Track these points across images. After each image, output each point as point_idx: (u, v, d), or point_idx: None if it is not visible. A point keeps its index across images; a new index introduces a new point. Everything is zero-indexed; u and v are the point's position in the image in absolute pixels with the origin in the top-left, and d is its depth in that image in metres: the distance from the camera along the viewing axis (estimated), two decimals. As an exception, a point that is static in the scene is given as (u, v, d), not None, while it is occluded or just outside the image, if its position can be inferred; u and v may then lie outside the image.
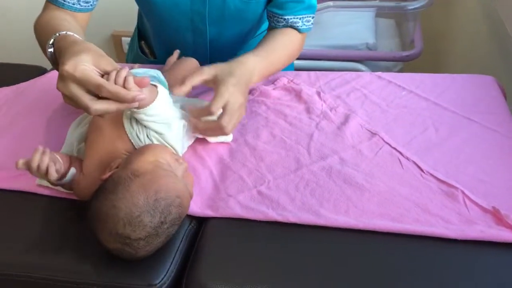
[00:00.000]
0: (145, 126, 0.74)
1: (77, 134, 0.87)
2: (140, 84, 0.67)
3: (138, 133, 0.74)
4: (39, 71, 1.16)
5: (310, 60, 1.55)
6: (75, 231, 0.72)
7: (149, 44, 1.19)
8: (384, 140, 0.86)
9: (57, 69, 0.70)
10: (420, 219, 0.71)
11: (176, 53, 1.00)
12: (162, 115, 0.74)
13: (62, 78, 0.65)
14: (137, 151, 0.72)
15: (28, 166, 0.69)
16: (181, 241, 0.71)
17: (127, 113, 0.74)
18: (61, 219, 0.75)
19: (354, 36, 1.58)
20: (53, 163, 0.70)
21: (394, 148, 0.84)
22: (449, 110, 0.93)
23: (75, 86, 0.65)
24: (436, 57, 1.89)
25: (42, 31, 0.84)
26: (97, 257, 0.68)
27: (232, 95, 0.80)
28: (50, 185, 0.78)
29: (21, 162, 0.68)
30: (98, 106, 0.65)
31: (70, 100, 0.67)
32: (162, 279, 0.66)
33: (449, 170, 0.79)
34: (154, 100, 0.71)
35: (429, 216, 0.71)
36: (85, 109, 0.66)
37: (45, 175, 0.69)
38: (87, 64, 0.66)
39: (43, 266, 0.68)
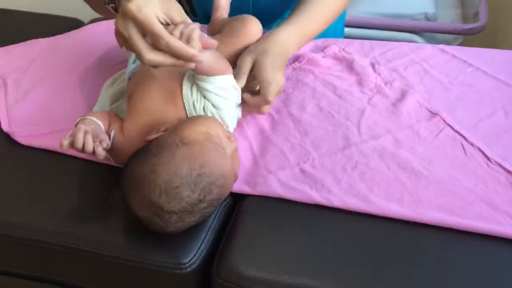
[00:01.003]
0: (204, 97, 0.68)
1: (111, 93, 0.81)
2: (206, 45, 0.62)
3: (195, 102, 0.68)
4: (76, 24, 1.11)
5: (361, 28, 1.44)
6: (105, 199, 0.68)
7: (189, 1, 1.11)
8: (445, 122, 0.77)
9: (115, 8, 0.66)
10: (484, 215, 0.63)
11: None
12: (227, 90, 0.68)
13: (124, 15, 0.60)
14: (189, 119, 0.67)
15: (72, 146, 0.63)
16: (214, 218, 0.65)
17: (189, 77, 0.68)
18: (90, 184, 0.71)
19: (411, 5, 1.46)
20: (98, 139, 0.63)
21: (457, 132, 0.75)
22: (522, 92, 0.82)
23: (133, 28, 0.59)
24: (499, 33, 1.73)
25: None
26: (126, 228, 0.64)
27: (274, 76, 0.73)
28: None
29: (65, 143, 0.61)
30: (153, 56, 0.60)
31: (125, 41, 0.61)
32: (192, 258, 0.60)
33: (520, 161, 0.70)
34: (228, 72, 0.68)
35: (495, 212, 0.63)
36: (138, 55, 0.60)
37: (90, 153, 0.63)
38: (154, 7, 0.60)
39: (68, 233, 0.64)
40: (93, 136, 0.63)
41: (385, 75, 0.87)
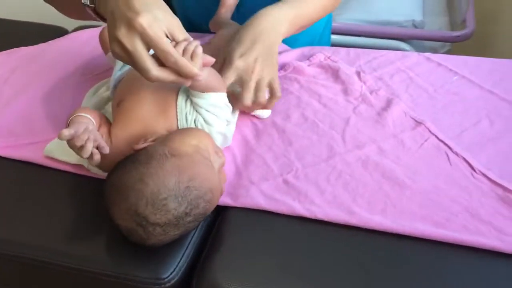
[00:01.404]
0: (196, 111, 0.67)
1: (93, 102, 0.80)
2: (204, 63, 0.61)
3: (188, 114, 0.67)
4: (60, 32, 1.09)
5: (348, 35, 1.44)
6: (84, 212, 0.66)
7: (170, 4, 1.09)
8: (430, 131, 0.76)
9: (102, 17, 0.65)
10: (468, 227, 0.62)
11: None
12: (219, 107, 0.68)
13: (130, 28, 0.57)
14: (180, 131, 0.66)
15: (70, 143, 0.61)
16: (195, 232, 0.64)
17: (185, 89, 0.67)
18: (69, 198, 0.69)
19: (399, 12, 1.46)
20: (96, 143, 0.61)
21: (442, 141, 0.74)
22: (507, 100, 0.82)
23: (140, 43, 0.58)
24: (487, 40, 1.74)
25: None
26: (103, 242, 0.62)
27: (244, 69, 0.71)
28: (59, 158, 0.72)
29: (66, 133, 0.58)
30: (160, 73, 0.59)
31: (125, 54, 0.59)
32: (171, 273, 0.59)
33: (505, 171, 0.69)
34: (222, 90, 0.67)
35: (480, 224, 0.62)
36: (143, 71, 0.59)
37: (85, 157, 0.61)
38: (161, 22, 0.58)
39: (46, 248, 0.62)
40: (93, 140, 0.61)
41: (370, 83, 0.87)
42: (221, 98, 0.68)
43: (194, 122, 0.67)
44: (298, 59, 0.94)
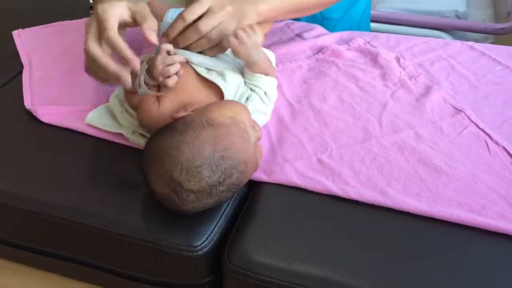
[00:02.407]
0: (251, 89, 0.72)
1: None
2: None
3: (237, 90, 0.72)
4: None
5: (388, 24, 1.42)
6: (120, 178, 0.68)
7: None
8: (470, 119, 0.75)
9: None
10: (505, 215, 0.61)
11: None
12: (273, 91, 0.75)
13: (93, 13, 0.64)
14: (218, 102, 0.68)
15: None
16: (228, 204, 0.65)
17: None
18: (109, 165, 0.71)
19: (442, 2, 1.43)
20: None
21: (482, 130, 0.73)
22: (551, 92, 0.80)
23: (94, 25, 0.65)
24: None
25: None
26: (140, 209, 0.64)
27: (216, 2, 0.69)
28: (99, 126, 0.74)
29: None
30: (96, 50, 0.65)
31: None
32: (204, 242, 0.60)
33: (546, 162, 0.67)
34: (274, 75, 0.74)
35: (517, 213, 0.61)
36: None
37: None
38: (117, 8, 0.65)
39: (81, 211, 0.64)
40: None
41: (410, 69, 0.86)
42: (273, 84, 0.74)
43: (247, 99, 0.70)
44: (337, 43, 0.93)
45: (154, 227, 0.61)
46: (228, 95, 0.70)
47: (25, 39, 0.99)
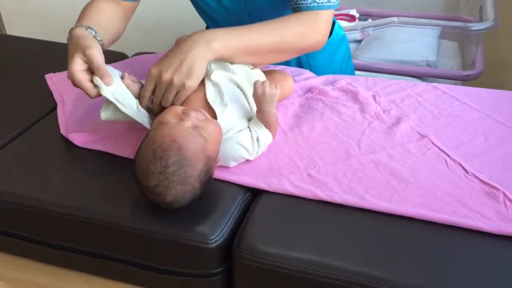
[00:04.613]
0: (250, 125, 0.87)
1: None
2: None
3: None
4: (121, 57, 1.28)
5: (369, 72, 1.60)
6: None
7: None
8: (433, 143, 0.91)
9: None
10: (459, 213, 0.75)
11: None
12: (264, 143, 0.88)
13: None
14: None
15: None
16: (235, 208, 0.80)
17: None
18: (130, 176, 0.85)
19: (415, 52, 1.62)
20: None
21: (442, 151, 0.89)
22: (501, 123, 0.96)
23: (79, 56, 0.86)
24: (496, 82, 1.88)
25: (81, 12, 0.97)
26: (162, 212, 0.77)
27: (156, 75, 0.83)
28: (115, 118, 0.86)
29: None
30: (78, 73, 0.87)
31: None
32: (216, 236, 0.74)
33: (494, 175, 0.83)
34: (274, 134, 0.90)
35: (468, 211, 0.76)
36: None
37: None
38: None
39: (106, 213, 0.79)
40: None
41: (384, 105, 1.02)
42: (268, 138, 0.87)
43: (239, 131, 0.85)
44: (323, 84, 1.10)
45: (174, 224, 0.75)
46: (220, 124, 0.82)
47: (56, 81, 1.15)
